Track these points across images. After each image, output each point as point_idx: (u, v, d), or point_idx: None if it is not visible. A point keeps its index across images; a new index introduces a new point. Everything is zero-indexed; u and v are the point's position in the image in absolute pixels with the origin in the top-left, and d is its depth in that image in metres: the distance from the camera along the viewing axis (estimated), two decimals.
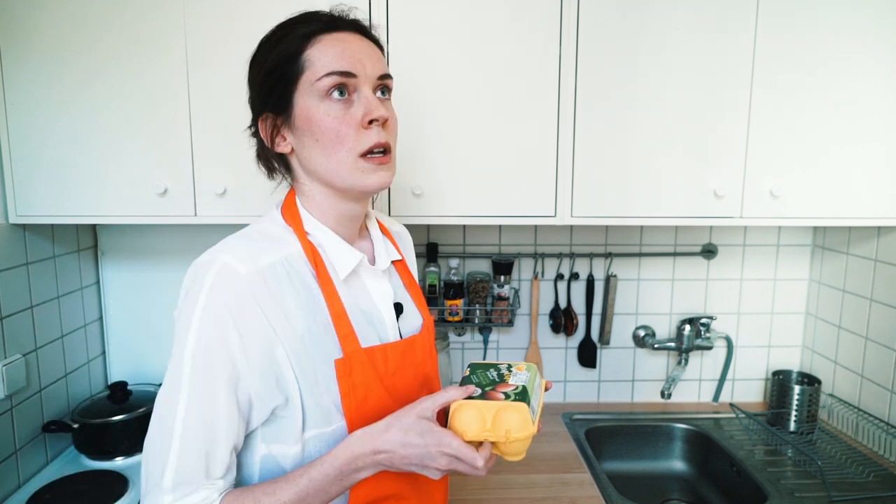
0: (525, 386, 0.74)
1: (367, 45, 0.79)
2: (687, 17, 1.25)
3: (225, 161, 1.23)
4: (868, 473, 1.31)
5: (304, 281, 0.77)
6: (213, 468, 0.71)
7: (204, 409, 0.70)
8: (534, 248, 1.69)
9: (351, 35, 0.78)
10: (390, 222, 1.02)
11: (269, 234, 0.79)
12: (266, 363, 0.72)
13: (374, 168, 0.77)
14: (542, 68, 1.25)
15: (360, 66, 0.76)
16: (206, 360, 0.70)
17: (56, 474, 1.29)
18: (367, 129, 0.76)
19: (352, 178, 0.77)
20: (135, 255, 1.55)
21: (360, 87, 0.76)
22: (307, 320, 0.75)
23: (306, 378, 0.74)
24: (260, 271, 0.73)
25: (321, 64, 0.75)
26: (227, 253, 0.73)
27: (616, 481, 1.32)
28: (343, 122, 0.75)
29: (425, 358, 0.87)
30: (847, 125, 1.30)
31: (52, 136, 1.20)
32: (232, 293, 0.70)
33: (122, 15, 1.18)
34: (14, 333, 1.25)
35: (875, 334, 1.47)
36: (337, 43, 0.76)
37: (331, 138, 0.75)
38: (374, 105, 0.76)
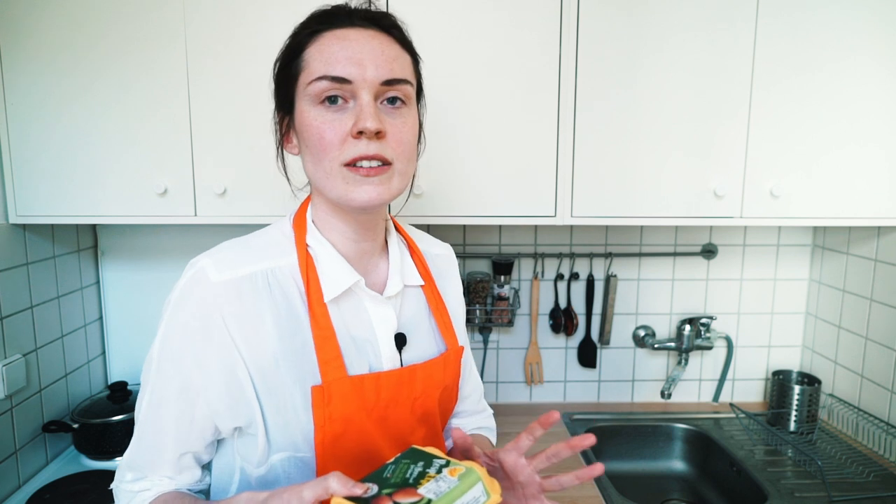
0: (432, 501, 0.56)
1: (379, 44, 0.68)
2: (687, 18, 1.25)
3: (225, 161, 1.23)
4: (868, 473, 1.31)
5: (288, 296, 0.71)
6: (161, 467, 0.73)
7: (155, 413, 0.71)
8: (534, 248, 1.69)
9: (358, 31, 0.68)
10: (432, 243, 0.92)
11: (269, 241, 0.75)
12: (228, 379, 0.68)
13: (360, 180, 0.67)
14: (542, 68, 1.25)
15: (359, 69, 0.66)
16: (165, 367, 0.70)
17: (56, 474, 1.29)
18: (355, 140, 0.66)
19: (336, 189, 0.68)
20: (135, 255, 1.56)
21: (357, 93, 0.66)
22: (283, 339, 0.69)
23: (273, 403, 0.69)
24: (235, 281, 0.68)
25: (314, 66, 0.67)
26: (211, 258, 0.71)
27: (616, 481, 1.32)
28: (330, 129, 0.67)
29: (428, 390, 0.77)
30: (847, 125, 1.30)
31: (52, 136, 1.21)
32: (197, 303, 0.68)
33: (122, 15, 1.18)
34: (14, 333, 1.25)
35: (875, 334, 1.47)
36: (336, 42, 0.67)
37: (316, 145, 0.68)
38: (365, 114, 0.65)
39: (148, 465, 0.73)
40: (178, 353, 0.69)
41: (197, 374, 0.68)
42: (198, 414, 0.70)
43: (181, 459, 0.73)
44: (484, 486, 0.60)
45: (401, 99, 0.70)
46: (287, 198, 1.24)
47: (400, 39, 0.72)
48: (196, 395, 0.69)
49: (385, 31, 0.70)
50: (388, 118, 0.69)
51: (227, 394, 0.69)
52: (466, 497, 0.58)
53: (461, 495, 0.58)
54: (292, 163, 0.80)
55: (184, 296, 0.69)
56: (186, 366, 0.68)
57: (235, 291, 0.68)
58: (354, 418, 0.70)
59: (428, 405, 0.78)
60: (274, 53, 1.20)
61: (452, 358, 0.81)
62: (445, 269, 0.91)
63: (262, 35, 1.20)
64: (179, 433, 0.71)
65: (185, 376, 0.69)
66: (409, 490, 0.57)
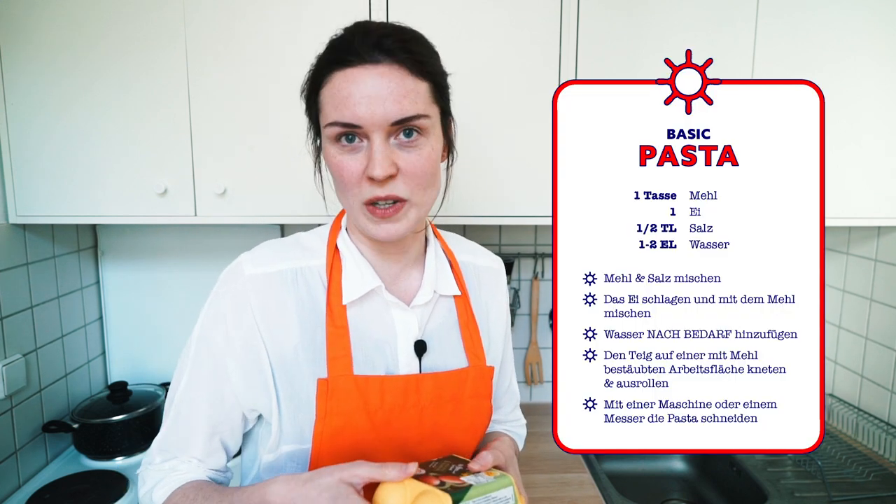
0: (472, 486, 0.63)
1: (388, 82, 0.67)
2: (687, 18, 1.25)
3: (225, 161, 1.23)
4: (868, 473, 1.31)
5: (313, 294, 0.75)
6: (192, 448, 0.76)
7: (191, 393, 0.75)
8: (534, 248, 1.69)
9: (367, 70, 0.67)
10: (479, 254, 0.91)
11: (304, 242, 0.80)
12: (252, 368, 0.73)
13: (377, 220, 0.70)
14: (542, 67, 1.25)
15: (367, 113, 0.66)
16: (201, 351, 0.75)
17: (56, 474, 1.29)
18: (370, 182, 0.68)
19: (359, 223, 0.73)
20: (135, 255, 1.55)
21: (369, 135, 0.67)
22: (304, 334, 0.74)
23: (288, 391, 0.73)
24: (266, 275, 0.74)
25: (327, 110, 0.69)
26: (251, 254, 0.77)
27: (616, 481, 1.32)
28: (346, 170, 0.69)
29: (437, 402, 0.76)
30: (847, 125, 1.30)
31: (52, 136, 1.21)
32: (232, 293, 0.74)
33: (122, 15, 1.18)
34: (14, 333, 1.25)
35: (875, 334, 1.47)
36: (344, 86, 0.67)
37: (338, 182, 0.72)
38: (374, 161, 0.66)
39: (180, 446, 0.76)
40: (212, 338, 0.74)
41: (227, 357, 0.73)
42: (227, 395, 0.75)
43: (211, 441, 0.76)
44: (514, 491, 0.66)
45: (418, 131, 0.69)
46: (288, 198, 1.25)
47: (414, 68, 0.69)
48: (226, 377, 0.74)
49: (398, 62, 0.68)
50: (403, 153, 0.69)
51: (250, 378, 0.73)
52: (500, 493, 0.65)
53: (497, 489, 0.65)
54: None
55: (222, 287, 0.76)
56: (219, 349, 0.74)
57: (265, 285, 0.74)
58: (354, 417, 0.71)
59: (438, 418, 0.76)
60: (274, 53, 1.21)
61: (474, 375, 0.79)
62: (491, 282, 0.90)
63: (262, 35, 1.20)
64: (212, 413, 0.75)
65: (217, 359, 0.74)
66: (449, 476, 0.65)
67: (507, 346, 0.93)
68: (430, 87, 0.71)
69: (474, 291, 0.86)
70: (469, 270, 0.87)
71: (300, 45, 1.21)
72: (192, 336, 0.77)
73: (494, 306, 0.89)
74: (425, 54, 0.71)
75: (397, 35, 0.69)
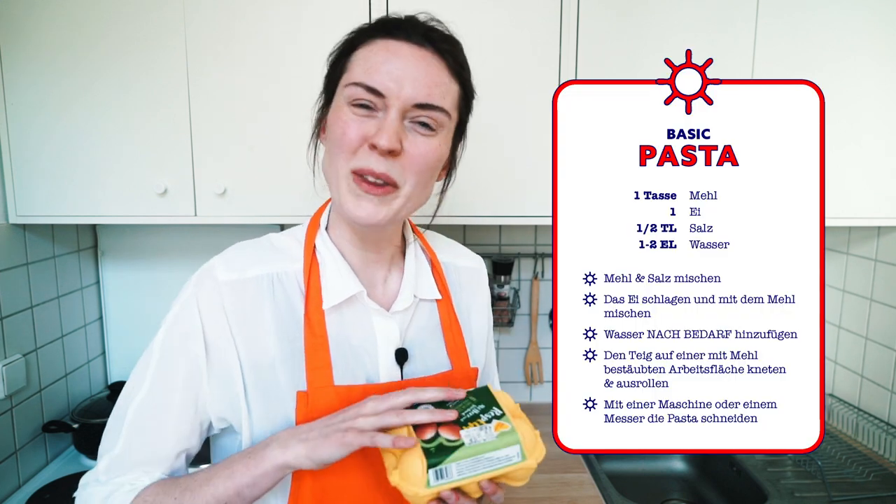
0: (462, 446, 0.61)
1: (426, 65, 0.67)
2: (687, 18, 1.25)
3: (225, 161, 1.23)
4: (868, 473, 1.31)
5: (290, 301, 0.72)
6: (158, 465, 0.69)
7: (154, 407, 0.69)
8: (534, 248, 1.69)
9: (411, 48, 0.67)
10: (460, 254, 0.90)
11: (280, 244, 0.76)
12: (224, 376, 0.70)
13: (360, 195, 0.68)
14: (542, 67, 1.25)
15: (395, 86, 0.65)
16: (171, 357, 0.69)
17: (56, 474, 1.29)
18: (369, 150, 0.66)
19: (339, 193, 0.69)
20: (135, 255, 1.55)
21: (388, 107, 0.66)
22: (281, 342, 0.70)
23: (262, 403, 0.69)
24: (241, 282, 0.70)
25: (355, 71, 0.68)
26: (223, 258, 0.73)
27: (616, 481, 1.32)
28: (353, 128, 0.67)
29: None
30: (847, 125, 1.30)
31: (52, 136, 1.20)
32: (205, 298, 0.70)
33: (122, 15, 1.18)
34: (14, 333, 1.25)
35: (875, 334, 1.47)
36: (383, 52, 0.67)
37: (337, 141, 0.68)
38: (385, 131, 0.65)
39: (140, 463, 0.69)
40: (179, 345, 0.69)
41: (200, 366, 0.69)
42: (198, 406, 0.70)
43: (179, 457, 0.71)
44: (521, 449, 0.63)
45: (431, 125, 0.69)
46: (288, 198, 1.25)
47: (452, 68, 0.70)
48: (198, 386, 0.69)
49: (440, 55, 0.69)
50: (412, 137, 0.68)
51: (221, 388, 0.70)
52: (498, 453, 0.62)
53: (492, 450, 0.62)
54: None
55: (193, 293, 0.70)
56: (195, 353, 0.69)
57: (239, 292, 0.70)
58: None
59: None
60: (274, 53, 1.21)
61: (458, 378, 0.78)
62: (472, 282, 0.88)
63: (261, 35, 1.20)
64: (180, 426, 0.70)
65: (188, 367, 0.69)
66: (454, 428, 0.63)
67: (489, 347, 0.91)
68: (460, 92, 0.72)
69: (455, 293, 0.85)
70: (450, 271, 0.86)
71: (300, 46, 1.21)
72: (152, 344, 0.71)
73: (475, 307, 0.88)
74: (465, 62, 0.73)
75: (445, 33, 0.71)
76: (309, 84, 1.23)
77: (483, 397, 0.68)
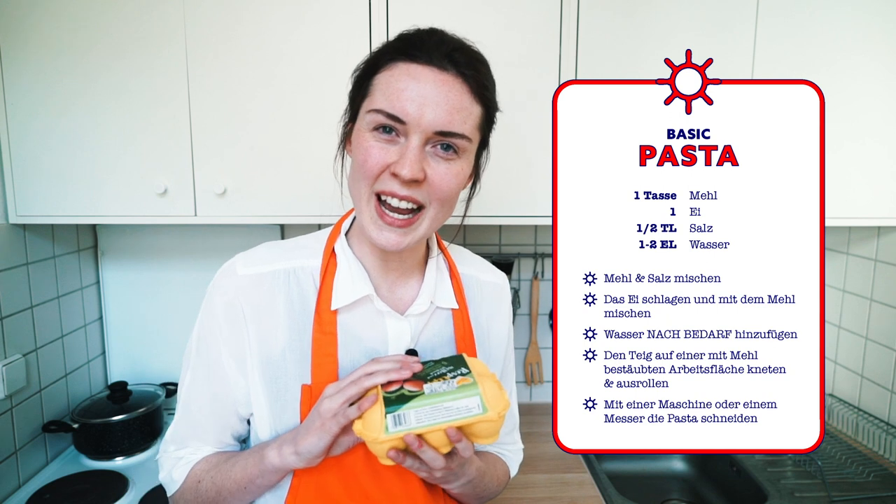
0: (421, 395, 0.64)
1: (447, 90, 0.67)
2: (688, 19, 1.25)
3: (225, 161, 1.23)
4: (868, 473, 1.31)
5: (304, 296, 0.75)
6: (203, 441, 0.78)
7: (194, 393, 0.77)
8: (534, 248, 1.69)
9: (431, 71, 0.67)
10: (484, 269, 0.90)
11: (303, 244, 0.80)
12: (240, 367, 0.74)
13: (380, 225, 0.69)
14: (542, 66, 1.25)
15: (416, 112, 0.65)
16: (200, 350, 0.76)
17: (56, 474, 1.29)
18: (392, 176, 0.67)
19: (363, 216, 0.71)
20: (135, 255, 1.55)
21: (409, 134, 0.67)
22: (292, 334, 0.73)
23: (272, 392, 0.73)
24: (258, 275, 0.74)
25: (376, 96, 0.68)
26: (245, 254, 0.77)
27: (616, 481, 1.32)
28: (374, 156, 0.67)
29: None
30: (847, 125, 1.30)
31: (52, 136, 1.20)
32: (224, 292, 0.74)
33: (122, 15, 1.18)
34: (14, 333, 1.25)
35: (875, 334, 1.47)
36: (403, 78, 0.67)
37: (360, 166, 0.69)
38: (405, 160, 0.66)
39: (190, 438, 0.78)
40: (208, 336, 0.75)
41: (222, 356, 0.74)
42: (228, 393, 0.75)
43: (223, 433, 0.78)
44: (481, 401, 0.64)
45: (454, 149, 0.69)
46: (288, 198, 1.25)
47: (475, 90, 0.69)
48: (224, 376, 0.75)
49: (463, 78, 0.68)
50: (434, 163, 0.69)
51: (241, 377, 0.75)
52: (457, 404, 0.64)
53: (451, 400, 0.64)
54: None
55: (215, 286, 0.76)
56: (215, 348, 0.74)
57: (256, 285, 0.74)
58: None
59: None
60: (274, 53, 1.21)
61: None
62: (495, 296, 0.89)
63: (261, 35, 1.20)
64: (216, 410, 0.76)
65: (213, 358, 0.75)
66: (419, 382, 0.66)
67: (507, 364, 0.92)
68: (483, 113, 0.72)
69: (475, 306, 0.85)
70: (472, 284, 0.86)
71: (300, 46, 1.21)
72: (192, 334, 0.78)
73: (496, 324, 0.88)
74: (489, 81, 0.72)
75: (469, 53, 0.70)
76: (309, 84, 1.23)
77: (455, 362, 0.71)
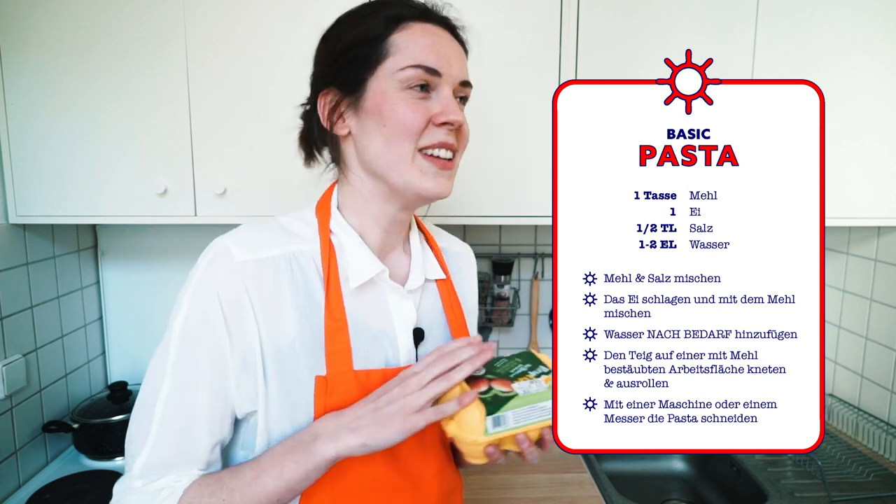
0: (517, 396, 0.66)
1: (456, 46, 0.75)
2: (688, 19, 1.25)
3: (225, 161, 1.23)
4: (868, 473, 1.31)
5: (308, 282, 0.71)
6: (194, 462, 0.67)
7: (186, 398, 0.67)
8: (534, 248, 1.69)
9: (441, 30, 0.74)
10: (451, 241, 0.94)
11: (289, 227, 0.75)
12: (245, 360, 0.68)
13: (435, 172, 0.72)
14: (542, 66, 1.25)
15: (447, 65, 0.71)
16: (192, 345, 0.67)
17: (56, 474, 1.29)
18: (437, 128, 0.71)
19: (408, 174, 0.71)
20: (135, 255, 1.55)
21: (441, 86, 0.72)
22: (301, 323, 0.69)
23: (282, 384, 0.68)
24: (258, 261, 0.68)
25: (408, 53, 0.70)
26: (232, 238, 0.70)
27: (616, 481, 1.32)
28: (417, 112, 0.70)
29: None
30: (846, 125, 1.30)
31: (52, 136, 1.20)
32: (223, 278, 0.67)
33: (122, 15, 1.18)
34: (14, 333, 1.25)
35: (875, 334, 1.47)
36: (427, 35, 0.71)
37: (398, 127, 0.70)
38: (452, 107, 0.71)
39: (176, 462, 0.67)
40: (206, 329, 0.67)
41: (227, 347, 0.67)
42: (228, 391, 0.68)
43: (214, 450, 0.69)
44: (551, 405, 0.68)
45: (466, 100, 0.77)
46: (288, 198, 1.25)
47: (465, 47, 0.79)
48: (225, 376, 0.68)
49: (455, 37, 0.77)
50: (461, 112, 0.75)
51: (245, 375, 0.68)
52: (546, 403, 0.68)
53: (542, 400, 0.68)
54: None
55: (208, 273, 0.68)
56: (217, 339, 0.67)
57: (257, 271, 0.68)
58: None
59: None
60: (274, 53, 1.21)
61: None
62: (463, 267, 0.92)
63: (261, 35, 1.20)
64: (214, 416, 0.68)
65: (214, 352, 0.67)
66: (505, 381, 0.68)
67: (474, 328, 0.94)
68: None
69: (454, 275, 0.88)
70: (448, 256, 0.90)
71: (300, 45, 1.20)
72: (169, 335, 0.68)
73: (468, 292, 0.92)
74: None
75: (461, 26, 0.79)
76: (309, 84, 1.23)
77: (528, 358, 0.74)
